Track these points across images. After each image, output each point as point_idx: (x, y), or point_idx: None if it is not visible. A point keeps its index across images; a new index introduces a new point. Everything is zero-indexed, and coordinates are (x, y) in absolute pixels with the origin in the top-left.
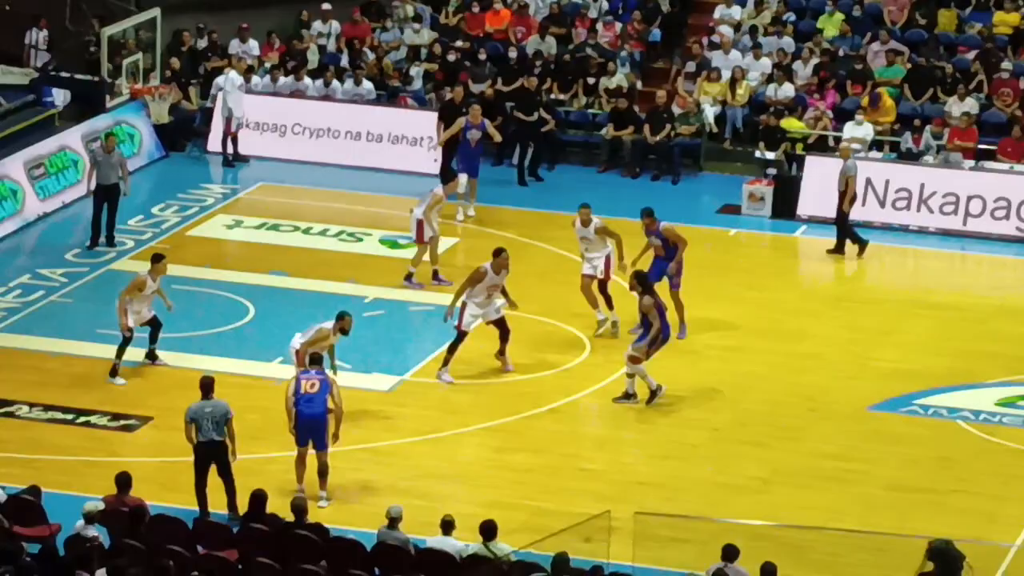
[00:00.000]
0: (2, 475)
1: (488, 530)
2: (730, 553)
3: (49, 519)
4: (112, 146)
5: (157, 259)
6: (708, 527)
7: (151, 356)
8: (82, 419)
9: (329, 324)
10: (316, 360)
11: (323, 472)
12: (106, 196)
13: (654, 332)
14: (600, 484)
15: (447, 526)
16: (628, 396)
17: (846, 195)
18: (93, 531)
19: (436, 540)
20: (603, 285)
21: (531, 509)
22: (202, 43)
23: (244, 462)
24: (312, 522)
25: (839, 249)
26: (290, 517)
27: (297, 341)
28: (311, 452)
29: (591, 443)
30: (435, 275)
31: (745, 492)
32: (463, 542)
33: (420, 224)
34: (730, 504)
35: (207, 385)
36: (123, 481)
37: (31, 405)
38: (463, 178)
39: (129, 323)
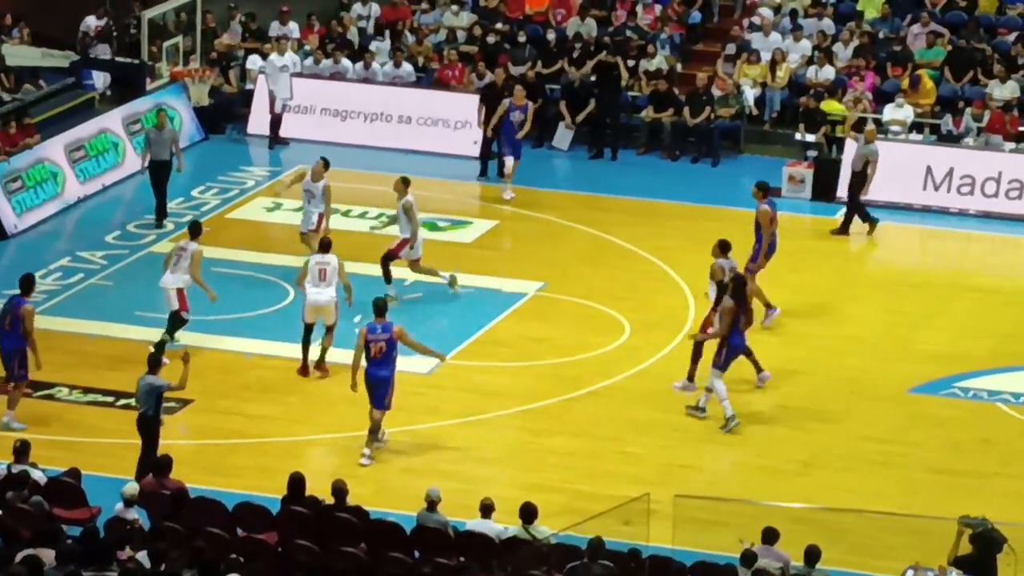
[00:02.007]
0: (42, 458)
1: (528, 513)
2: (768, 535)
3: (89, 502)
4: (164, 123)
5: (198, 227)
6: (748, 510)
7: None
8: (122, 401)
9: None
10: (381, 310)
11: (374, 430)
12: (160, 172)
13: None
14: (639, 467)
15: (486, 509)
16: (699, 409)
17: (867, 178)
18: (133, 514)
19: (475, 523)
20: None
21: (571, 492)
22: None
23: (283, 445)
24: (352, 505)
25: (844, 230)
26: (330, 499)
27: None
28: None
29: (631, 426)
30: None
31: (785, 475)
32: (502, 525)
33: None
34: (770, 487)
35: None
36: (163, 464)
37: (71, 388)
38: (509, 160)
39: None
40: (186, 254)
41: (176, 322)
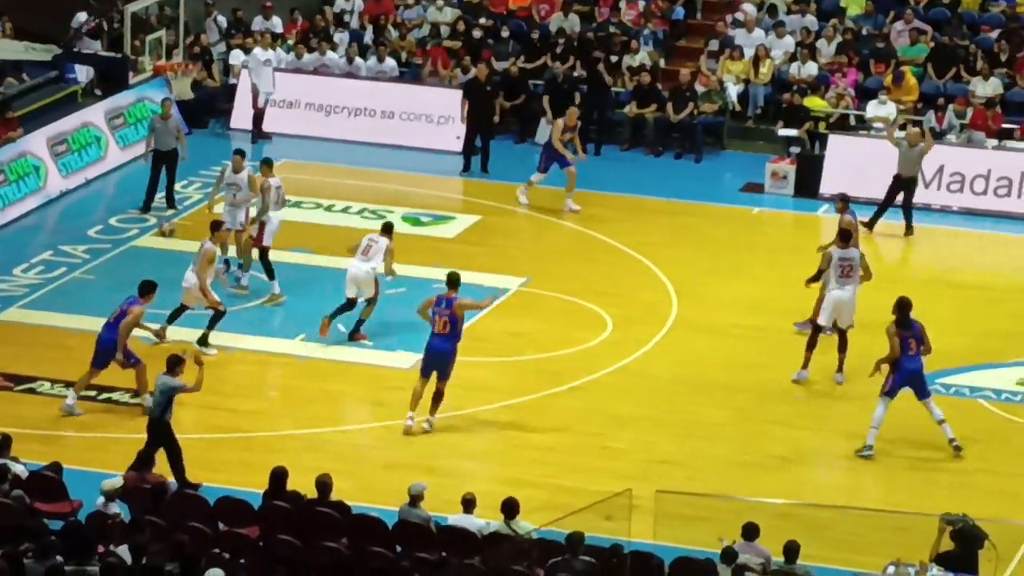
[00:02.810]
0: (24, 451)
1: (510, 508)
2: (748, 531)
3: (70, 496)
4: (169, 112)
5: (217, 226)
6: (729, 506)
7: (203, 341)
8: (104, 396)
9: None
10: (454, 282)
11: (438, 398)
12: (165, 161)
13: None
14: (622, 463)
15: (468, 504)
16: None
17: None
18: (115, 508)
19: (457, 518)
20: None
21: (553, 487)
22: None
23: (265, 439)
24: (334, 500)
25: (910, 230)
26: (311, 494)
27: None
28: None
29: (613, 421)
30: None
31: (767, 471)
32: (484, 520)
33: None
34: (752, 483)
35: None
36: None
37: (52, 382)
38: (574, 169)
39: (215, 297)
40: (377, 246)
41: (216, 315)
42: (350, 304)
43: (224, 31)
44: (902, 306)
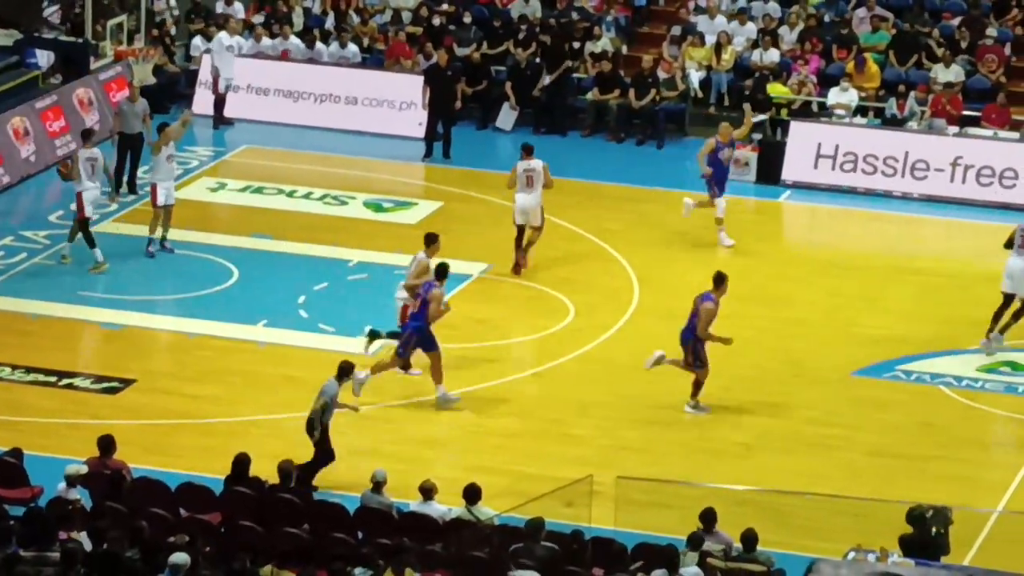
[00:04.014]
0: None
1: (471, 494)
2: (708, 517)
3: (31, 481)
4: (136, 95)
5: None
6: (690, 492)
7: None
8: (65, 381)
9: (422, 254)
10: (442, 274)
11: (380, 368)
12: (130, 145)
13: None
14: (583, 449)
15: (430, 490)
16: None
17: None
18: (75, 494)
19: (419, 504)
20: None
21: (514, 474)
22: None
23: (227, 425)
24: (295, 486)
25: None
26: (272, 480)
27: (401, 292)
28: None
29: (574, 408)
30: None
31: (728, 457)
32: (446, 506)
33: (153, 187)
34: (713, 469)
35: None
36: (106, 444)
37: (13, 367)
38: (721, 202)
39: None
40: (536, 174)
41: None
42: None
43: (179, 16)
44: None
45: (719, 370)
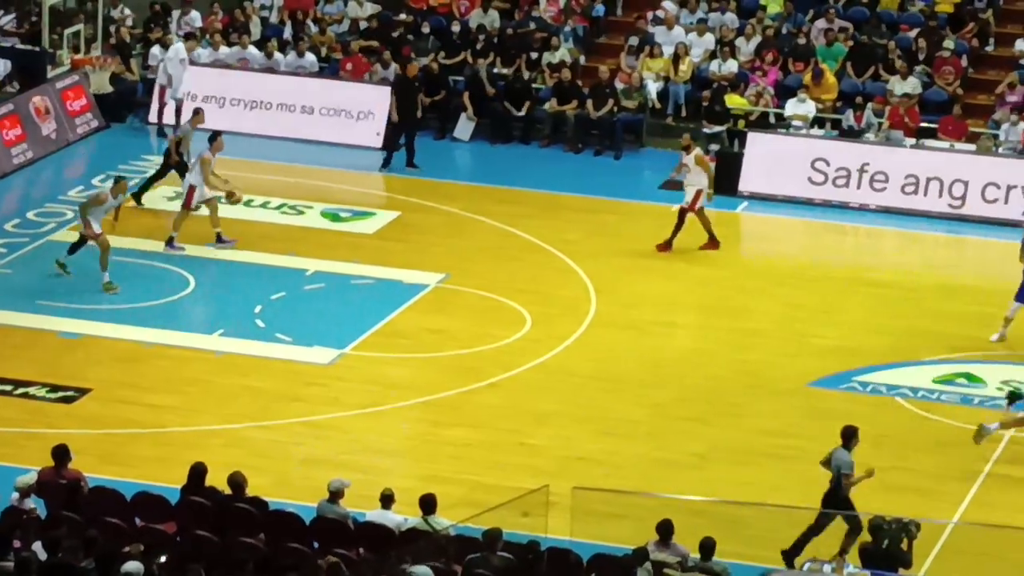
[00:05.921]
0: None
1: (427, 504)
2: (664, 529)
3: None
4: (203, 119)
5: (119, 180)
6: (646, 503)
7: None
8: (20, 390)
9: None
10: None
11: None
12: (176, 166)
13: None
14: (539, 459)
15: (386, 500)
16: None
17: None
18: (30, 503)
19: (375, 514)
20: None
21: (470, 484)
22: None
23: (183, 435)
24: (251, 496)
25: None
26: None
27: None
28: None
29: (530, 418)
30: (218, 237)
31: (684, 468)
32: (402, 516)
33: (191, 189)
34: (669, 480)
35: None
36: (60, 453)
37: None
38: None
39: (95, 230)
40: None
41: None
42: None
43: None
44: None
45: (676, 380)
